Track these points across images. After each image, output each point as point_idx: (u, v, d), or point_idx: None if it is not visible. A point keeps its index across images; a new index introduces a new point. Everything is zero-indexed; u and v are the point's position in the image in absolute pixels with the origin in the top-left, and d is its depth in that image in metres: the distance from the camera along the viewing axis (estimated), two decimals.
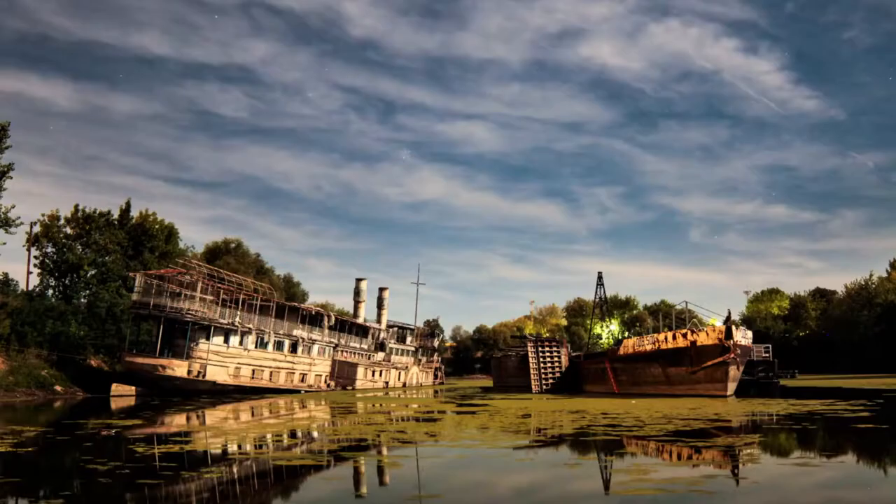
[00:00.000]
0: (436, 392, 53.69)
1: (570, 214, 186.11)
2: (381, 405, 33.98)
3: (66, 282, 49.43)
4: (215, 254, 76.02)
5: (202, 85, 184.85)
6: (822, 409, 23.90)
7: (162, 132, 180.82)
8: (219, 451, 15.20)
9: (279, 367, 47.30)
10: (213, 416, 26.60)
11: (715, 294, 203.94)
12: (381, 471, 11.55)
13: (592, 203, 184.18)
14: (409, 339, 71.50)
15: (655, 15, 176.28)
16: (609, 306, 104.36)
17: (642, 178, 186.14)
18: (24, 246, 50.05)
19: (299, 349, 49.99)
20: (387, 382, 62.11)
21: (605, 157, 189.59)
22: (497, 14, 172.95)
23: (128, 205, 56.31)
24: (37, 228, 50.03)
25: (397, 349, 67.86)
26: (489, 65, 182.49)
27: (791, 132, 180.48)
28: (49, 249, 49.67)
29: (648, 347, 44.32)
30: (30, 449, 14.17)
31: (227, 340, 43.55)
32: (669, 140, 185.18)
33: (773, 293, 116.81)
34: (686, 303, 61.66)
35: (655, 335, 45.03)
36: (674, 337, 42.70)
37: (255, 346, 45.65)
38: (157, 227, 56.44)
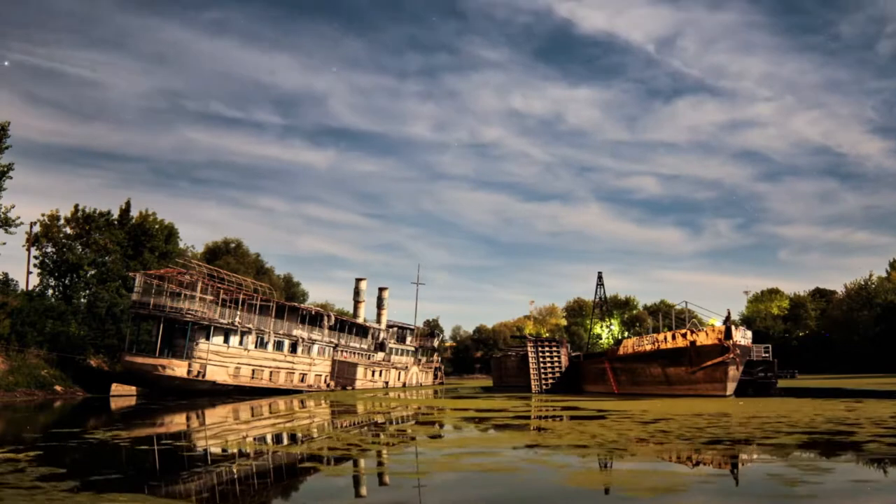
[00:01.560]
0: (435, 392, 53.68)
1: (687, 239, 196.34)
2: (381, 404, 33.99)
3: (66, 282, 49.42)
4: (215, 254, 76.05)
5: None
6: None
7: None
8: (218, 451, 15.22)
9: (279, 367, 47.31)
10: (213, 415, 26.63)
11: (715, 294, 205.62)
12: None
13: (712, 231, 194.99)
14: (408, 339, 71.51)
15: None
16: (609, 306, 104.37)
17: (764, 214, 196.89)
18: (24, 246, 50.10)
19: (299, 349, 50.00)
20: (387, 382, 62.13)
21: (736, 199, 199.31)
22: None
23: (128, 205, 56.38)
24: (37, 228, 50.09)
25: (397, 349, 67.86)
26: None
27: None
28: (49, 249, 49.69)
29: (648, 347, 44.34)
30: None
31: (226, 340, 43.57)
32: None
33: (773, 293, 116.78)
34: (686, 303, 61.70)
35: (655, 335, 45.05)
36: (673, 337, 42.73)
37: (255, 346, 45.66)
38: (156, 227, 56.44)
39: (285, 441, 17.14)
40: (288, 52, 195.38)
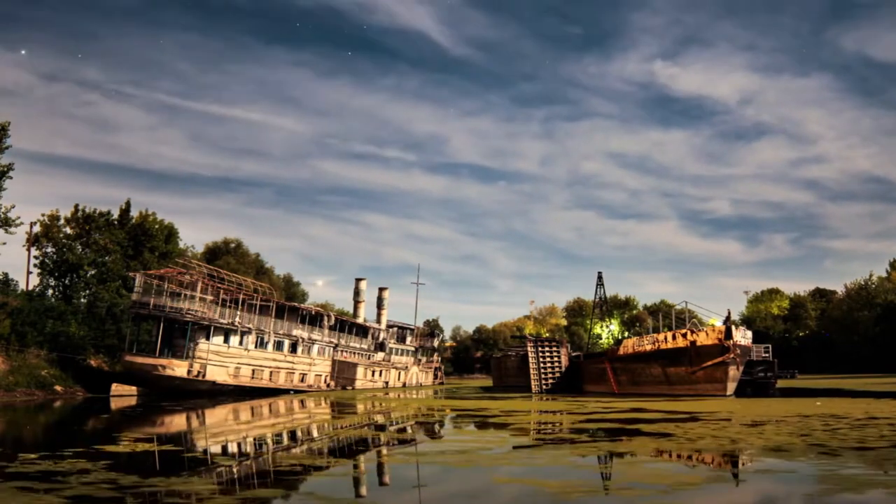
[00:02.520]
0: (436, 392, 53.68)
1: (744, 251, 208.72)
2: (381, 404, 33.97)
3: (66, 282, 49.41)
4: (215, 254, 76.03)
5: None
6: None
7: None
8: (218, 451, 15.22)
9: (279, 367, 47.32)
10: (214, 415, 26.63)
11: (716, 295, 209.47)
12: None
13: (768, 244, 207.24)
14: (408, 339, 71.49)
15: None
16: (609, 306, 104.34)
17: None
18: (24, 246, 50.09)
19: (299, 349, 50.01)
20: (387, 382, 62.13)
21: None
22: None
23: (128, 205, 56.34)
24: (37, 228, 50.08)
25: (397, 349, 67.85)
26: None
27: None
28: (49, 249, 49.68)
29: (648, 347, 44.34)
30: None
31: (226, 340, 43.57)
32: None
33: (773, 293, 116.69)
34: (686, 303, 61.65)
35: (655, 335, 45.05)
36: (674, 337, 42.73)
37: (255, 346, 45.66)
38: (156, 226, 56.41)
39: (285, 441, 17.09)
40: (429, 104, 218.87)
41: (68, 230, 50.73)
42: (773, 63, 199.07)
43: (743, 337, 42.13)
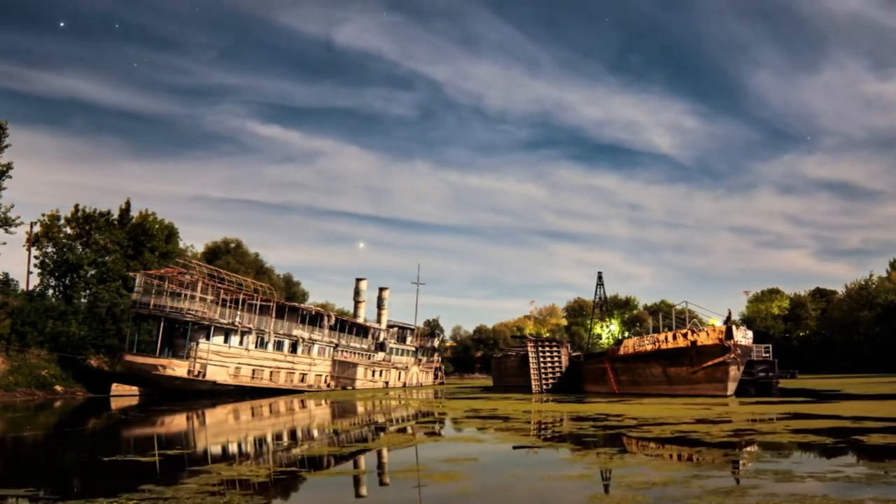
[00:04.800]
0: (436, 392, 53.66)
1: None
2: (381, 404, 33.94)
3: (66, 282, 49.40)
4: (215, 254, 76.01)
5: None
6: None
7: None
8: (219, 451, 15.21)
9: (279, 367, 47.31)
10: (214, 415, 26.63)
11: (715, 294, 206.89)
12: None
13: None
14: (409, 339, 71.49)
15: None
16: (609, 306, 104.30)
17: None
18: (24, 246, 50.06)
19: (299, 349, 50.00)
20: (387, 382, 62.10)
21: None
22: None
23: (128, 205, 56.29)
24: (37, 228, 50.04)
25: (397, 349, 67.84)
26: None
27: None
28: (49, 249, 49.65)
29: (648, 347, 44.29)
30: None
31: (227, 340, 43.56)
32: None
33: (773, 293, 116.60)
34: (686, 303, 61.71)
35: (655, 335, 45.00)
36: (674, 337, 42.68)
37: (255, 346, 45.65)
38: (156, 226, 56.36)
39: (285, 441, 17.08)
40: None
41: (68, 230, 50.70)
42: None
43: (744, 337, 42.05)
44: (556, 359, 54.13)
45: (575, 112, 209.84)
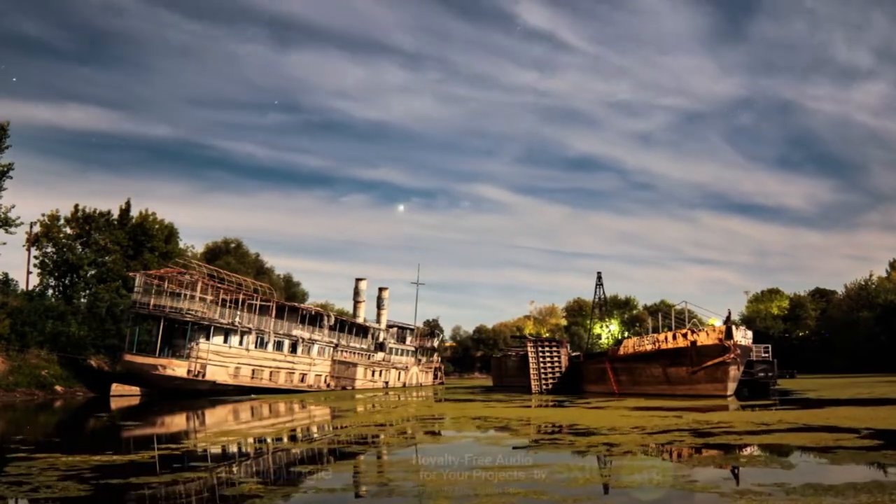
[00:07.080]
0: (435, 392, 53.67)
1: None
2: (381, 403, 33.93)
3: (66, 282, 49.37)
4: (215, 254, 75.94)
5: None
6: None
7: None
8: (219, 451, 15.22)
9: (279, 367, 47.31)
10: (214, 416, 26.63)
11: (715, 294, 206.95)
12: None
13: None
14: (408, 339, 71.48)
15: None
16: (609, 306, 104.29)
17: None
18: (24, 246, 50.04)
19: (299, 349, 49.99)
20: (386, 382, 62.09)
21: None
22: None
23: (128, 205, 56.26)
24: (37, 228, 50.01)
25: (397, 349, 67.83)
26: None
27: None
28: (49, 249, 49.61)
29: (648, 347, 44.30)
30: None
31: (226, 340, 43.55)
32: None
33: (773, 293, 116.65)
34: (686, 303, 61.57)
35: (655, 335, 45.01)
36: (674, 337, 42.69)
37: (255, 346, 45.64)
38: (156, 226, 56.32)
39: (285, 441, 17.07)
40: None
41: (68, 230, 50.67)
42: None
43: (743, 337, 42.08)
44: (555, 359, 54.10)
45: None
